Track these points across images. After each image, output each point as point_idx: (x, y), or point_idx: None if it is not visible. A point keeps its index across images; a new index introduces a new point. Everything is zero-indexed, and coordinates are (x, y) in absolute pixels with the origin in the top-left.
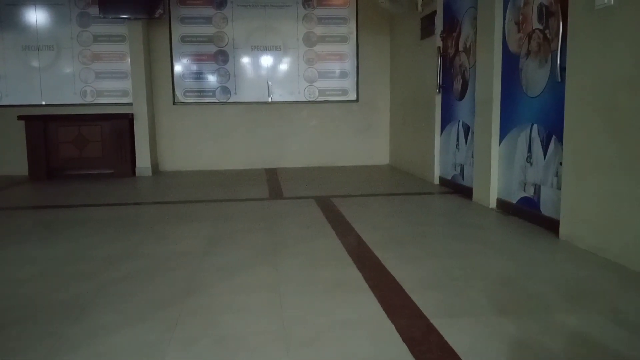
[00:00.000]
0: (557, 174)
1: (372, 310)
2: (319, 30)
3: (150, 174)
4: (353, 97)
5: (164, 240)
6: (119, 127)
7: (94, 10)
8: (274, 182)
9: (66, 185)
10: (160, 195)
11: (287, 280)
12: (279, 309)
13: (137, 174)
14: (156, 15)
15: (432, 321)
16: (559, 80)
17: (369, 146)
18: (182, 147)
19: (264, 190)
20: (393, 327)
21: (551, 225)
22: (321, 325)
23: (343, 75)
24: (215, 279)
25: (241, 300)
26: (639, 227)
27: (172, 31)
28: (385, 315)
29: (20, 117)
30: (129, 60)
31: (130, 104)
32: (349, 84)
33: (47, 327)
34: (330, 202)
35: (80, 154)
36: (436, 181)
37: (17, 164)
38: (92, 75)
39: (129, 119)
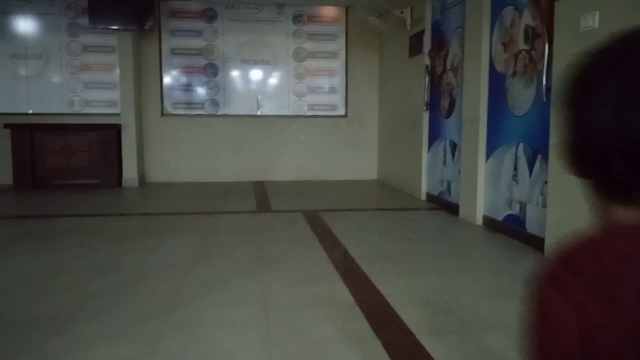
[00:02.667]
0: (543, 193)
1: (359, 326)
2: (309, 45)
3: (137, 184)
4: (342, 112)
5: (149, 253)
6: (106, 137)
7: (84, 21)
8: (261, 196)
9: (51, 195)
10: (146, 207)
11: (273, 295)
12: (265, 323)
13: (123, 185)
14: (146, 27)
15: (418, 338)
16: (545, 101)
17: (357, 161)
18: (170, 158)
19: (251, 203)
20: (379, 343)
21: (537, 243)
22: (307, 341)
23: (332, 90)
24: (200, 292)
25: (226, 315)
26: None
27: (162, 43)
28: (372, 331)
29: (6, 125)
30: (118, 71)
31: (118, 115)
32: (338, 99)
33: (26, 340)
34: (318, 216)
35: (67, 164)
36: (423, 197)
37: (2, 172)
38: (80, 85)
39: (116, 130)
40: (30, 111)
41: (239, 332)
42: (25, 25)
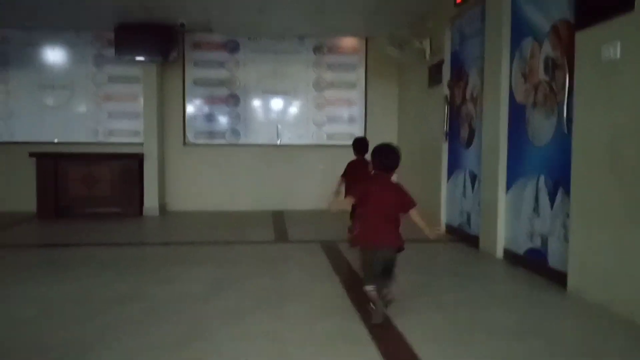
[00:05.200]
0: (565, 226)
1: None
2: (329, 75)
3: (157, 213)
4: None
5: (167, 283)
6: (128, 166)
7: (110, 52)
8: (280, 225)
9: (74, 223)
10: (166, 236)
11: (289, 329)
12: (281, 359)
13: (144, 214)
14: (170, 59)
15: None
16: (566, 132)
17: None
18: (190, 187)
19: (269, 233)
20: None
21: (558, 278)
22: None
23: (351, 120)
24: (217, 324)
25: (243, 349)
26: None
27: (186, 74)
28: None
29: (31, 154)
30: (142, 100)
31: (141, 144)
32: (357, 129)
33: None
34: (336, 247)
35: (89, 193)
36: (443, 229)
37: (26, 201)
38: (104, 115)
39: (138, 159)
40: (56, 140)
41: None
42: (53, 56)
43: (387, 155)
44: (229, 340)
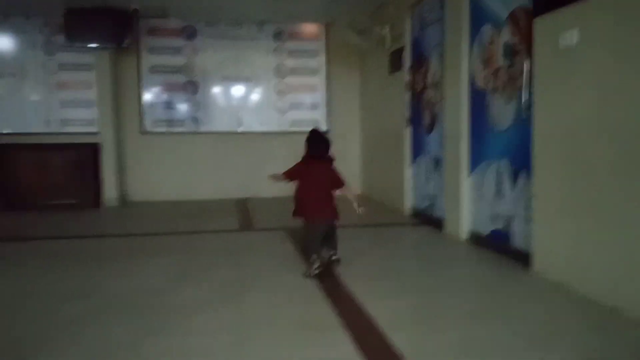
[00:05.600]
0: (527, 208)
1: (345, 350)
2: (290, 62)
3: (116, 204)
4: (324, 128)
5: (127, 276)
6: (84, 156)
7: (61, 39)
8: (244, 213)
9: (27, 216)
10: (125, 227)
11: (252, 320)
12: (244, 352)
13: (105, 204)
14: (124, 45)
15: None
16: (525, 117)
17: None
18: (151, 177)
19: (233, 221)
20: None
21: (522, 258)
22: None
23: (314, 106)
24: (176, 319)
25: (204, 343)
26: (604, 262)
27: (141, 61)
28: (357, 356)
29: None
30: (96, 89)
31: (96, 133)
32: (320, 115)
33: None
34: (301, 234)
35: (43, 184)
36: (408, 212)
37: None
38: (57, 104)
39: (94, 148)
40: (5, 131)
41: None
42: (1, 43)
43: (316, 141)
44: (189, 334)
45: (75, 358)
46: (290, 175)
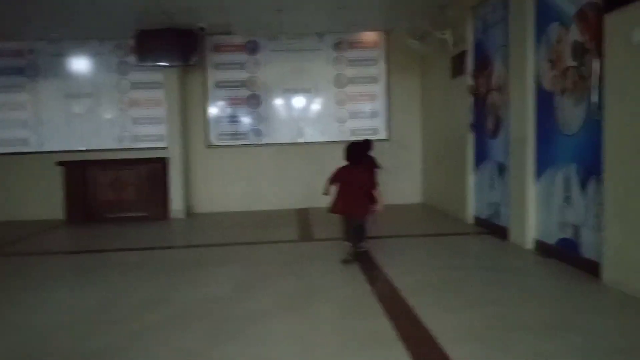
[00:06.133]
0: (597, 215)
1: None
2: (350, 71)
3: (183, 216)
4: (384, 136)
5: (194, 286)
6: (153, 170)
7: (132, 59)
8: (304, 223)
9: (102, 228)
10: (192, 239)
11: (315, 330)
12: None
13: (170, 217)
14: (191, 63)
15: None
16: (597, 118)
17: (401, 184)
18: (215, 188)
19: (294, 231)
20: None
21: (592, 268)
22: None
23: (374, 114)
24: (243, 327)
25: (267, 351)
26: None
27: (207, 76)
28: None
29: (58, 163)
30: (165, 105)
31: (165, 148)
32: (380, 123)
33: None
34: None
35: (117, 198)
36: (471, 221)
37: (55, 208)
38: (129, 121)
39: (163, 163)
40: (83, 148)
41: None
42: (78, 65)
43: (348, 151)
44: (256, 341)
45: None
46: (331, 181)
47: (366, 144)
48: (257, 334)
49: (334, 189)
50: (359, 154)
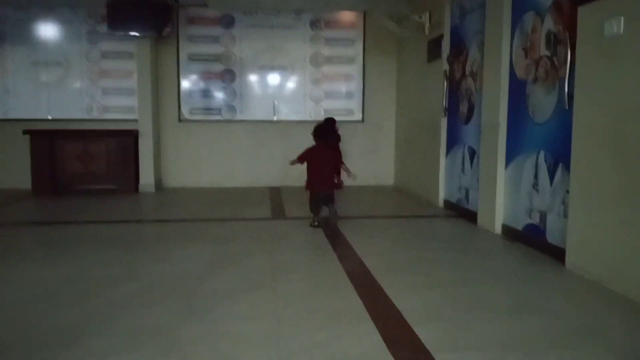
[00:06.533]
0: (564, 202)
1: (373, 342)
2: (326, 51)
3: (153, 190)
4: (359, 117)
5: (163, 262)
6: (123, 143)
7: (103, 28)
8: (277, 202)
9: (69, 200)
10: (161, 213)
11: (285, 308)
12: (277, 338)
13: (140, 190)
14: (164, 34)
15: (434, 356)
16: (567, 108)
17: (373, 167)
18: (186, 164)
19: (266, 209)
20: None
21: (557, 254)
22: (319, 357)
23: (349, 95)
24: (212, 304)
25: (238, 328)
26: None
27: (180, 49)
28: (386, 348)
29: (25, 132)
30: (136, 77)
31: (135, 120)
32: (355, 104)
33: (36, 353)
34: (333, 224)
35: (85, 170)
36: (441, 204)
37: (21, 178)
38: (99, 92)
39: (134, 135)
40: (50, 117)
41: (250, 347)
42: (46, 32)
43: (316, 131)
44: (225, 320)
45: (119, 340)
46: (301, 158)
47: (331, 123)
48: (227, 311)
49: (303, 166)
50: (326, 133)
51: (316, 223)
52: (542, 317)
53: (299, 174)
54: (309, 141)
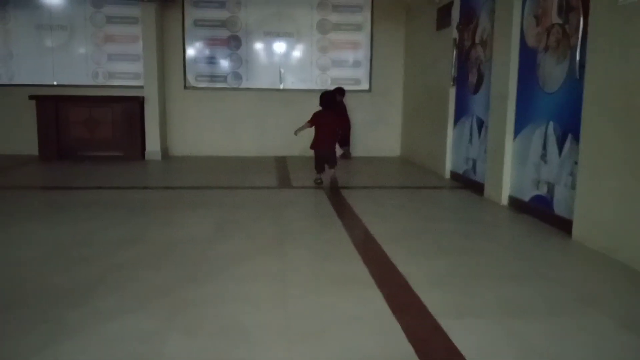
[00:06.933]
0: (572, 173)
1: (378, 307)
2: (334, 17)
3: (159, 157)
4: (366, 86)
5: (170, 226)
6: (129, 109)
7: None
8: (283, 171)
9: (75, 166)
10: (168, 180)
11: (292, 272)
12: (283, 301)
13: (146, 158)
14: None
15: (438, 321)
16: (578, 77)
17: (380, 137)
18: (192, 131)
19: (272, 178)
20: (399, 325)
21: (564, 225)
22: (325, 320)
23: (356, 64)
24: (219, 267)
25: (245, 291)
26: None
27: (185, 14)
28: (391, 313)
29: (31, 97)
30: (141, 42)
31: (141, 87)
32: (362, 73)
33: (44, 311)
34: (339, 193)
35: (91, 136)
36: (447, 175)
37: (27, 143)
38: (104, 57)
39: (139, 102)
40: (55, 83)
41: (256, 309)
42: None
43: (322, 98)
44: (232, 282)
45: (126, 300)
46: (310, 123)
47: (338, 92)
48: (235, 274)
49: (308, 136)
50: (331, 101)
51: (320, 180)
52: (546, 285)
53: (304, 145)
54: (314, 110)
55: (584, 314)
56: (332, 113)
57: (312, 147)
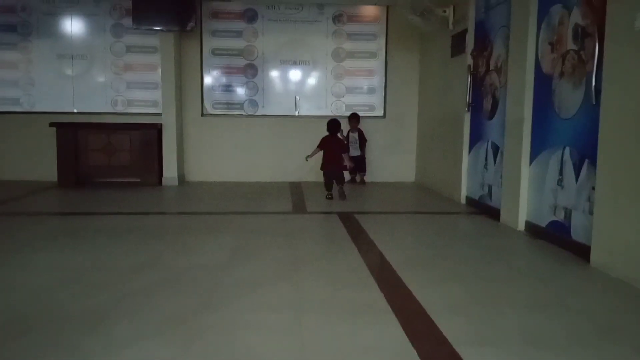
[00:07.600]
0: (590, 199)
1: (395, 335)
2: (348, 45)
3: (176, 183)
4: (380, 113)
5: (186, 252)
6: (147, 136)
7: (128, 21)
8: (297, 196)
9: (94, 192)
10: (185, 206)
11: (307, 300)
12: (299, 329)
13: (163, 184)
14: (188, 28)
15: (456, 349)
16: (594, 103)
17: (395, 163)
18: (208, 158)
19: (287, 204)
20: (416, 353)
21: (581, 251)
22: (341, 349)
23: (371, 91)
24: (235, 294)
25: (260, 318)
26: None
27: (203, 43)
28: (408, 341)
29: (51, 124)
30: (160, 71)
31: (159, 114)
32: (377, 99)
33: (61, 337)
34: (354, 219)
35: (109, 162)
36: (463, 201)
37: (48, 170)
38: (123, 85)
39: (157, 129)
40: (75, 110)
41: (272, 338)
42: (71, 26)
43: (329, 125)
44: (247, 309)
45: (141, 327)
46: (319, 148)
47: (352, 117)
48: (249, 302)
49: (318, 154)
50: (337, 126)
51: (330, 196)
52: (566, 314)
53: (318, 171)
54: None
55: (606, 346)
56: (336, 136)
57: (321, 168)
